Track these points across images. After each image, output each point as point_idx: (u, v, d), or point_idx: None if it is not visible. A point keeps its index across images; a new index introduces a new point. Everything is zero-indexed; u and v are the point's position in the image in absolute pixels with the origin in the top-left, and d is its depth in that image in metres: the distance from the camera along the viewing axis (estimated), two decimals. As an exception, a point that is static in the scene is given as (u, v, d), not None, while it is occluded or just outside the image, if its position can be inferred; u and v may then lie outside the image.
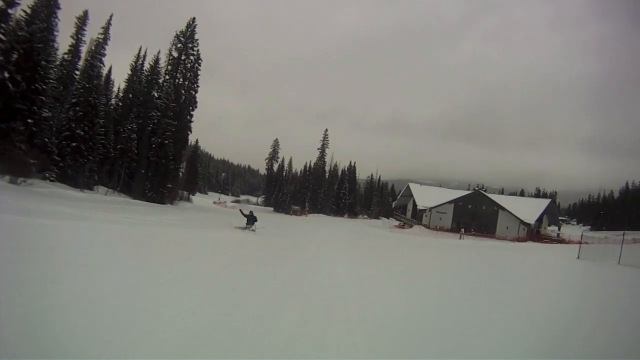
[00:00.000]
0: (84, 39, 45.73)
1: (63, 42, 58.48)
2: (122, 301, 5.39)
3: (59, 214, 15.33)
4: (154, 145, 47.81)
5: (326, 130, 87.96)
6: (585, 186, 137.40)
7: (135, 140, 47.06)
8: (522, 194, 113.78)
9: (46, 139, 36.55)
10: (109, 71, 50.86)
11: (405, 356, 4.84)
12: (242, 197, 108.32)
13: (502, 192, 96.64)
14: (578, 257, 23.20)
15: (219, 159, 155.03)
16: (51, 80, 36.56)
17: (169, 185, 50.09)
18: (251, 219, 21.61)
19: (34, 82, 33.96)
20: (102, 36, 47.50)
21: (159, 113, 48.56)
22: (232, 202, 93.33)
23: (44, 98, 34.84)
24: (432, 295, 9.30)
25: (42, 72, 34.60)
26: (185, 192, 68.33)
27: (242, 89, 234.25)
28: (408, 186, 72.58)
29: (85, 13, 45.56)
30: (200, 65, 55.35)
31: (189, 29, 53.72)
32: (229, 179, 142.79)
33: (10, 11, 32.42)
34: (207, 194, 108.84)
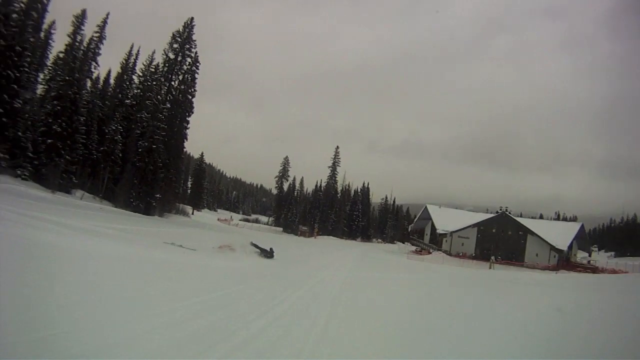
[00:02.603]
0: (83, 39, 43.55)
1: (60, 40, 55.37)
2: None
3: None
4: (140, 150, 43.21)
5: (337, 147, 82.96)
6: (604, 210, 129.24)
7: (120, 143, 42.65)
8: (541, 218, 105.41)
9: (19, 133, 32.24)
10: (108, 74, 47.99)
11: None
12: (252, 217, 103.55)
13: (520, 217, 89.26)
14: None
15: (230, 177, 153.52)
16: (26, 70, 32.31)
17: (157, 195, 44.98)
18: (266, 252, 20.40)
19: (6, 68, 29.92)
20: (97, 34, 44.87)
21: (147, 115, 44.07)
22: (240, 220, 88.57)
23: (16, 87, 30.67)
24: None
25: (15, 59, 30.56)
26: (181, 205, 64.15)
27: (256, 107, 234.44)
28: (426, 208, 66.03)
29: (84, 12, 44.08)
30: (198, 68, 52.05)
31: (187, 29, 50.17)
32: (239, 198, 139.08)
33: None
34: (216, 211, 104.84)
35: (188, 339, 5.27)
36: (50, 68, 40.37)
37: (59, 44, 42.98)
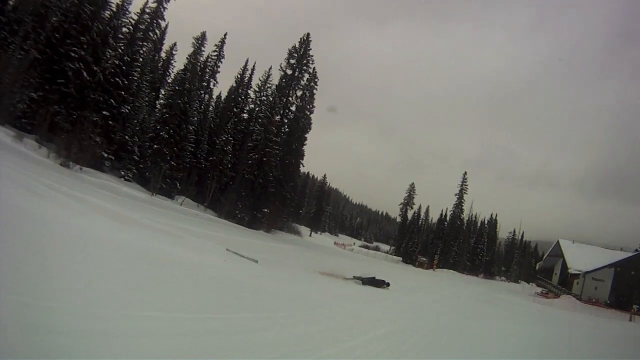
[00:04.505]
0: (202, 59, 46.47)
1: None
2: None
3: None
4: (250, 162, 43.40)
5: (465, 173, 75.90)
6: None
7: (230, 154, 43.31)
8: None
9: (127, 137, 34.03)
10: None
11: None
12: (373, 244, 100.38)
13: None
14: None
15: (356, 203, 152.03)
16: (136, 78, 34.28)
17: (265, 210, 44.36)
18: (374, 281, 18.93)
19: (115, 75, 31.91)
20: (215, 53, 47.38)
21: (260, 128, 44.35)
22: (359, 246, 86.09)
23: (123, 93, 32.55)
24: None
25: (124, 68, 32.57)
26: (296, 225, 63.67)
27: (386, 133, 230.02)
28: (558, 243, 55.66)
29: (203, 34, 47.34)
30: (316, 84, 51.13)
31: (303, 45, 49.98)
32: (363, 224, 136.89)
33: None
34: (337, 235, 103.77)
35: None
36: (170, 84, 43.06)
37: (180, 64, 45.98)
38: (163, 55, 44.94)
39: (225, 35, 48.24)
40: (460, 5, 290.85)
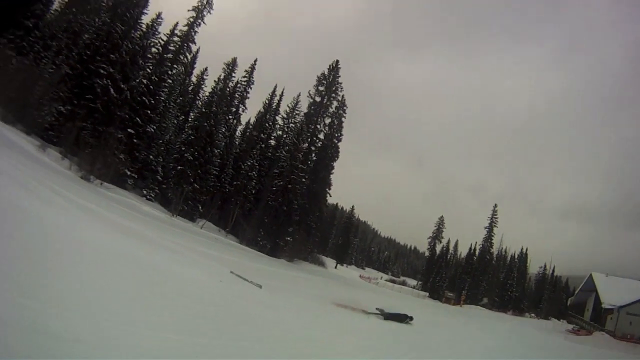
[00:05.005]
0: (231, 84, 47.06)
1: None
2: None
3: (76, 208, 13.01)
4: (275, 188, 42.88)
5: (495, 206, 73.32)
6: None
7: (254, 180, 42.96)
8: None
9: (151, 157, 34.11)
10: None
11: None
12: (400, 278, 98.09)
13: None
14: None
15: (385, 236, 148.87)
16: (163, 99, 34.55)
17: (288, 238, 43.33)
18: (397, 316, 18.44)
19: (142, 94, 32.31)
20: (245, 79, 47.94)
21: (286, 154, 44.04)
22: (386, 280, 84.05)
23: (149, 112, 32.84)
24: None
25: (151, 87, 32.97)
26: (321, 256, 62.36)
27: (416, 165, 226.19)
28: (590, 276, 52.09)
29: (234, 60, 47.97)
30: (345, 112, 50.76)
31: (332, 72, 49.91)
32: (391, 258, 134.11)
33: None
34: (363, 268, 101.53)
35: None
36: (198, 107, 43.56)
37: (210, 89, 46.61)
38: (194, 79, 45.61)
39: (255, 61, 48.76)
40: (489, 37, 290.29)
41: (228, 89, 46.06)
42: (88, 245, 9.02)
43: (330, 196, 54.09)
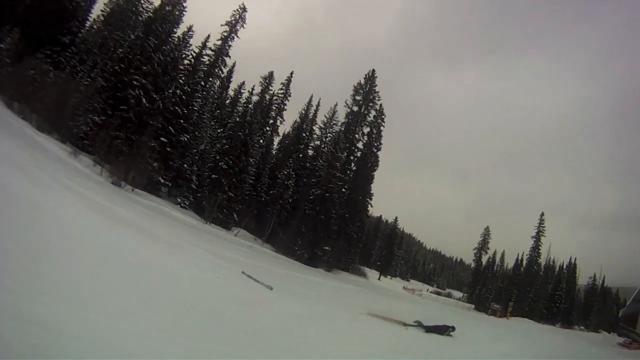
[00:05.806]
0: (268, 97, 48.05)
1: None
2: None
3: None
4: (312, 197, 42.73)
5: (542, 214, 69.93)
6: None
7: (291, 189, 43.00)
8: None
9: (185, 165, 34.82)
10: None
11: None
12: (445, 291, 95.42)
13: None
14: None
15: (430, 248, 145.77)
16: (196, 109, 35.32)
17: (327, 248, 42.91)
18: (438, 328, 17.35)
19: (175, 104, 33.17)
20: (282, 91, 48.43)
21: (324, 163, 43.93)
22: (431, 292, 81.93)
23: (182, 121, 33.63)
24: None
25: (184, 97, 33.79)
26: (363, 268, 61.44)
27: (460, 178, 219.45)
28: None
29: (271, 74, 49.11)
30: (383, 121, 50.30)
31: (368, 82, 49.70)
32: (436, 270, 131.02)
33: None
34: (408, 280, 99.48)
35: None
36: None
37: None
38: (231, 93, 46.69)
39: (291, 74, 49.17)
40: (535, 41, 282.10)
41: (265, 102, 46.72)
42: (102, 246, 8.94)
43: (372, 207, 53.06)
